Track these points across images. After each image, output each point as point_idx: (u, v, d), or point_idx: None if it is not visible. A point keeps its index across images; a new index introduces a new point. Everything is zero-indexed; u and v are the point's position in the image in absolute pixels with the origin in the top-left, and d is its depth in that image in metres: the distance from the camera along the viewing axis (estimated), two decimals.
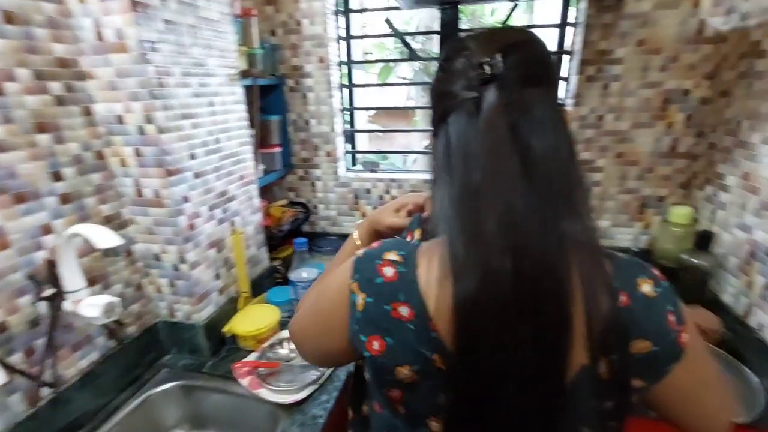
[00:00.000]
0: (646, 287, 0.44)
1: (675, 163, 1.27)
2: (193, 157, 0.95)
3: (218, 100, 1.03)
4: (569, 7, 1.28)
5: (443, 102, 0.47)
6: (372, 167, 1.59)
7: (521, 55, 0.43)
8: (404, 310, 0.45)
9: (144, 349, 1.00)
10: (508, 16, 1.37)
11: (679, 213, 1.16)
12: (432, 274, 0.45)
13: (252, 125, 1.23)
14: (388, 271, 0.46)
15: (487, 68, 0.42)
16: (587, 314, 0.40)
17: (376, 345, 0.46)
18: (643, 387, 0.45)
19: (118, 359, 0.93)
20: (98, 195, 0.87)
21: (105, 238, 0.69)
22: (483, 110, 0.42)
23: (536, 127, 0.42)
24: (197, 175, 0.97)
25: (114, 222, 0.91)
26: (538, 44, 0.46)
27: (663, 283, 0.45)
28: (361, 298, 0.47)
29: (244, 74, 1.15)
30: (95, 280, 0.87)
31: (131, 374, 0.97)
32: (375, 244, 0.51)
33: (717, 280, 1.08)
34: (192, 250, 0.96)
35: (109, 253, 0.77)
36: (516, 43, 0.44)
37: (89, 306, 0.77)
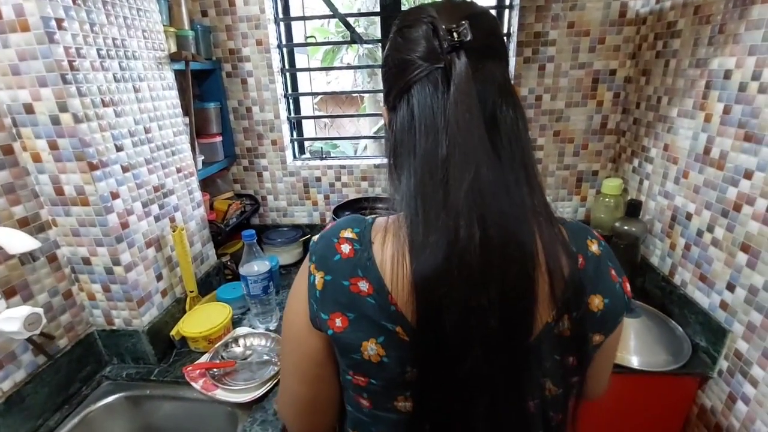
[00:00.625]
0: (594, 247, 0.48)
1: (605, 138, 1.36)
2: (119, 148, 0.86)
3: (145, 85, 0.95)
4: None
5: (405, 72, 0.44)
6: (322, 155, 1.54)
7: (483, 25, 0.43)
8: (363, 285, 0.45)
9: (79, 363, 0.91)
10: None
11: (611, 185, 1.25)
12: (388, 248, 0.45)
13: (187, 113, 1.15)
14: (345, 248, 0.47)
15: (455, 35, 0.41)
16: (550, 276, 0.42)
17: (338, 322, 0.45)
18: (600, 342, 0.49)
19: (49, 376, 0.84)
20: (8, 195, 0.77)
21: (17, 241, 0.62)
22: (454, 78, 0.41)
23: (499, 99, 0.43)
24: (126, 169, 0.88)
25: (31, 225, 0.81)
26: (494, 18, 0.47)
27: (602, 242, 0.50)
28: (319, 277, 0.47)
29: (174, 57, 1.06)
30: (14, 290, 0.78)
31: (66, 391, 0.88)
32: (329, 225, 0.51)
33: (646, 244, 1.18)
34: (126, 250, 0.88)
35: (25, 259, 0.69)
36: (478, 14, 0.44)
37: (7, 319, 0.69)
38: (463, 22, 0.41)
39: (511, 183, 0.42)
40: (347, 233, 0.48)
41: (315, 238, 0.51)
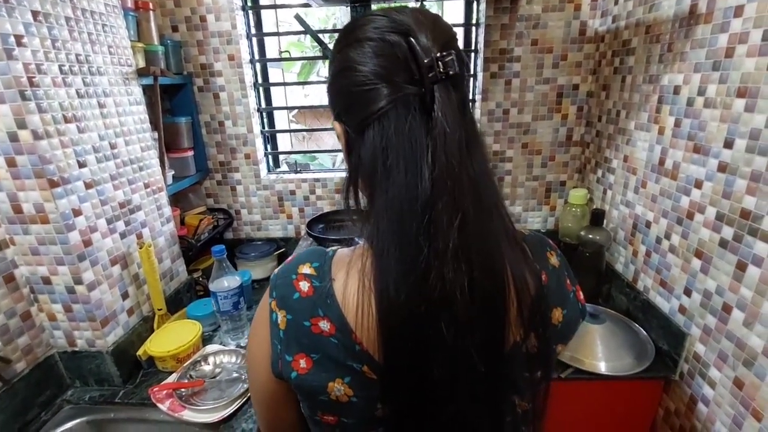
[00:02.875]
0: (553, 259, 0.49)
1: (571, 150, 1.41)
2: (82, 164, 0.85)
3: (110, 101, 0.93)
4: (472, 7, 1.36)
5: (376, 95, 0.39)
6: (297, 168, 1.55)
7: (459, 51, 0.40)
8: (324, 325, 0.43)
9: (38, 387, 0.87)
10: None
11: (577, 195, 1.29)
12: (351, 286, 0.43)
13: (156, 128, 1.13)
14: (304, 286, 0.44)
15: (441, 66, 0.37)
16: (518, 297, 0.42)
17: (302, 363, 0.43)
18: (562, 351, 0.51)
19: (4, 402, 0.80)
20: None
21: None
22: (439, 111, 0.37)
23: (470, 128, 0.41)
24: (89, 185, 0.87)
25: None
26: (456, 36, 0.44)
27: (559, 252, 0.50)
28: (281, 316, 0.44)
29: (142, 72, 1.06)
30: None
31: (24, 417, 0.84)
32: (290, 258, 0.49)
33: (611, 251, 1.22)
34: (89, 268, 0.86)
35: None
36: (453, 38, 0.41)
37: None
38: (449, 52, 0.37)
39: (487, 218, 0.40)
40: (305, 269, 0.45)
41: (276, 270, 0.48)
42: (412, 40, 0.38)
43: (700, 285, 0.87)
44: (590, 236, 1.17)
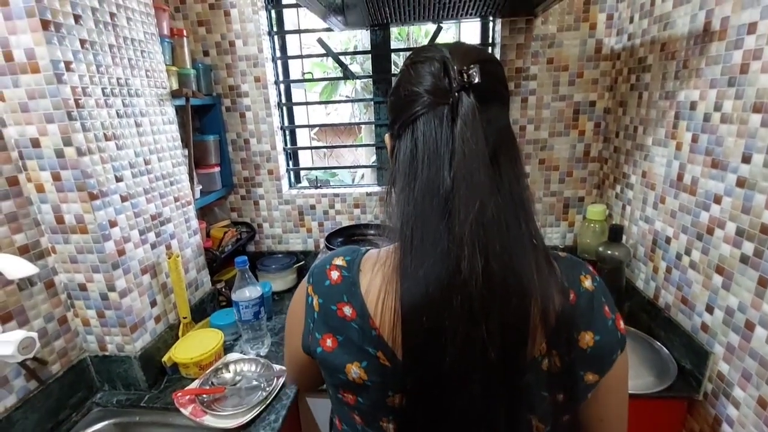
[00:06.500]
0: (587, 282, 0.49)
1: (589, 166, 1.41)
2: (119, 179, 0.91)
3: (146, 120, 1.01)
4: (488, 28, 1.40)
5: (412, 104, 0.46)
6: (317, 184, 1.60)
7: (491, 71, 0.45)
8: (347, 310, 0.48)
9: (71, 388, 0.92)
10: (434, 37, 1.46)
11: (595, 210, 1.29)
12: (376, 277, 0.48)
13: (186, 145, 1.20)
14: (334, 275, 0.51)
15: (465, 76, 0.43)
16: (542, 311, 0.43)
17: (329, 342, 0.50)
18: (595, 381, 0.48)
19: (39, 402, 0.85)
20: (11, 223, 0.81)
21: (16, 267, 0.65)
22: (461, 115, 0.42)
23: (500, 139, 0.45)
24: (125, 198, 0.93)
25: (31, 252, 0.84)
26: (501, 65, 0.50)
27: (597, 277, 0.50)
28: (316, 299, 0.51)
29: (175, 94, 1.13)
30: (10, 315, 0.80)
31: (56, 417, 0.89)
32: (329, 253, 0.56)
33: (632, 268, 1.21)
34: (122, 276, 0.91)
35: (23, 284, 0.72)
36: (487, 60, 0.46)
37: (1, 343, 0.71)
38: (474, 65, 0.43)
39: (511, 220, 0.43)
40: (338, 261, 0.52)
41: (316, 261, 0.56)
42: (446, 61, 0.45)
43: (722, 302, 0.85)
44: (609, 252, 1.16)
